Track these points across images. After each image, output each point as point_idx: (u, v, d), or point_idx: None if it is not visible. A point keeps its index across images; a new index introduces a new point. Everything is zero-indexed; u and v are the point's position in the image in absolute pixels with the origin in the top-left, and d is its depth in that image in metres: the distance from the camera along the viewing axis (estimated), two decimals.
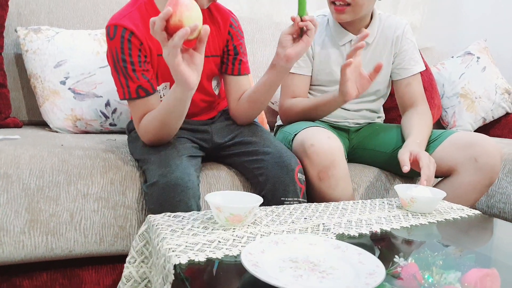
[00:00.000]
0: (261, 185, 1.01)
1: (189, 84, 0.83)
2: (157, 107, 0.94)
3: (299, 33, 0.98)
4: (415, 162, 1.05)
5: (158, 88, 1.04)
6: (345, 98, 1.10)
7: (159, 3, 1.00)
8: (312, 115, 1.22)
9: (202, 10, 1.00)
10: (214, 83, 1.13)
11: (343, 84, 1.08)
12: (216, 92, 1.15)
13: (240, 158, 1.07)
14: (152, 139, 0.98)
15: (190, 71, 0.82)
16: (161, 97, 1.03)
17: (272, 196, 0.98)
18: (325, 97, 1.18)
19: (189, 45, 0.80)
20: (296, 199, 0.98)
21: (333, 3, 1.19)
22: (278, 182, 0.98)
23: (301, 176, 1.01)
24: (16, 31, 1.39)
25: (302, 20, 0.95)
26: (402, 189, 0.94)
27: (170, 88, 0.99)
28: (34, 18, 1.46)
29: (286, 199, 0.97)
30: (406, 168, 1.02)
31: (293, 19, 0.96)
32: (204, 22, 1.01)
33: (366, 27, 1.27)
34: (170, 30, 0.77)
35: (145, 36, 0.96)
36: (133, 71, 0.95)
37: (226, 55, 1.10)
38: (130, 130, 1.14)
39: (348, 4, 1.17)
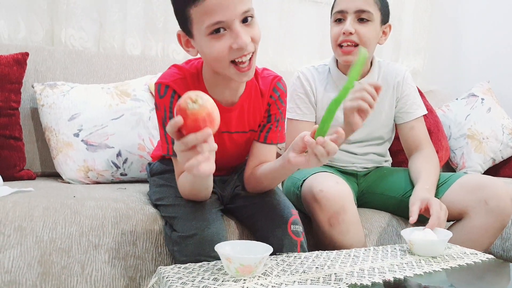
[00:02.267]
0: (259, 241, 0.99)
1: (201, 174, 0.74)
2: (185, 174, 0.93)
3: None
4: (426, 210, 1.05)
5: None
6: (353, 128, 1.05)
7: (205, 76, 0.98)
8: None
9: (248, 85, 1.00)
10: None
11: (348, 115, 1.04)
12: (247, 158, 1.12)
13: (240, 214, 1.08)
14: (188, 197, 0.98)
15: (202, 162, 0.73)
16: None
17: None
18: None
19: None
20: (292, 255, 0.93)
21: (340, 45, 1.23)
22: (271, 237, 0.96)
23: (295, 228, 0.98)
24: (33, 87, 1.45)
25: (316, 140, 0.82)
26: (407, 233, 0.94)
27: None
28: (50, 74, 1.53)
29: (281, 254, 0.92)
30: (412, 219, 1.02)
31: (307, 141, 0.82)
32: (250, 97, 1.01)
33: (366, 73, 1.31)
34: (187, 126, 0.71)
35: None
36: None
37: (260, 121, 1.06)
38: (153, 173, 1.15)
39: (356, 45, 1.21)
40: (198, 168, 0.71)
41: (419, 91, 1.65)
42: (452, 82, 2.56)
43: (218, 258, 0.83)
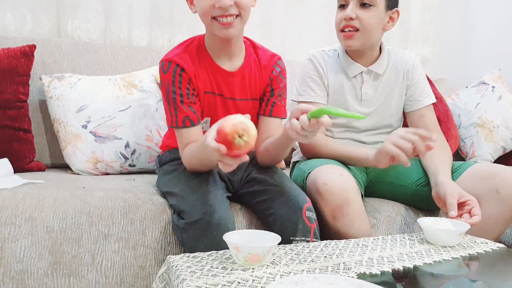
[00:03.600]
0: (271, 225, 1.00)
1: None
2: (195, 147, 0.99)
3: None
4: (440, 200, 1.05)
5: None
6: (378, 166, 1.08)
7: (208, 45, 1.08)
8: (341, 160, 1.21)
9: (247, 55, 1.10)
10: None
11: (381, 155, 1.05)
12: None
13: (251, 199, 1.08)
14: (193, 170, 1.04)
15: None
16: (202, 129, 1.10)
17: (281, 235, 0.96)
18: (358, 153, 1.17)
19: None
20: (304, 239, 0.97)
21: (342, 31, 1.23)
22: (286, 221, 0.98)
23: (310, 214, 0.99)
24: (40, 79, 1.46)
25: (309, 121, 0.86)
26: (426, 222, 0.93)
27: (210, 124, 1.08)
28: (57, 66, 1.54)
29: (295, 238, 0.96)
30: (454, 213, 1.00)
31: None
32: (249, 66, 1.11)
33: (376, 59, 1.29)
34: (228, 150, 0.76)
35: (194, 74, 1.05)
36: (181, 103, 1.03)
37: (263, 96, 1.14)
38: (162, 163, 1.19)
39: (357, 30, 1.20)
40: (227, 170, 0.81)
41: (428, 80, 1.64)
42: (461, 70, 2.52)
43: (225, 242, 0.84)
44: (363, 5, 1.19)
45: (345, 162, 1.20)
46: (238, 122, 0.74)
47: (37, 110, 1.50)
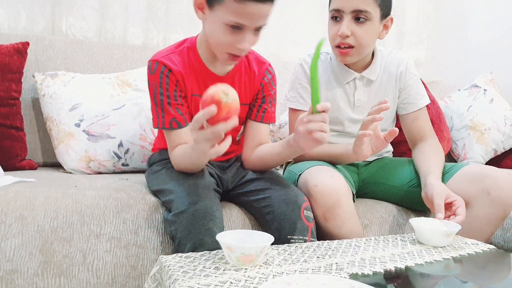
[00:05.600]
0: (268, 224, 1.01)
1: (211, 156, 0.88)
2: (187, 147, 0.98)
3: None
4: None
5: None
6: (358, 158, 1.11)
7: (200, 48, 1.07)
8: (327, 160, 1.22)
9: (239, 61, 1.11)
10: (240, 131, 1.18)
11: (358, 146, 1.08)
12: (238, 139, 1.19)
13: (248, 197, 1.08)
14: (183, 170, 1.04)
15: (215, 146, 0.86)
16: None
17: (279, 234, 0.97)
18: (339, 150, 1.19)
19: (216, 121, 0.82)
20: (302, 237, 0.97)
21: (337, 47, 1.21)
22: (284, 219, 0.98)
23: (308, 213, 1.00)
24: (33, 76, 1.45)
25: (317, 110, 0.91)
26: (417, 223, 0.94)
27: None
28: (51, 64, 1.53)
29: (292, 237, 0.96)
30: (441, 216, 0.99)
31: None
32: (239, 72, 1.12)
33: (369, 64, 1.29)
34: (218, 116, 0.79)
35: (182, 76, 1.05)
36: (169, 104, 1.03)
37: (254, 102, 1.14)
38: (151, 163, 1.19)
39: (352, 46, 1.19)
40: (221, 152, 0.84)
41: (422, 82, 1.64)
42: (455, 73, 2.54)
43: (213, 230, 0.87)
44: (358, 19, 1.16)
45: (331, 161, 1.21)
46: (217, 87, 0.78)
47: (30, 108, 1.48)
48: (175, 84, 1.04)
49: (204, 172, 1.04)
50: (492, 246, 0.92)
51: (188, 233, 0.89)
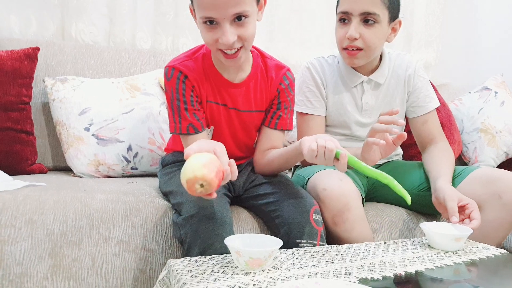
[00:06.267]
0: (277, 228, 1.00)
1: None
2: None
3: None
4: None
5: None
6: (367, 163, 1.06)
7: (214, 57, 1.06)
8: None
9: (254, 66, 1.09)
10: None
11: (367, 152, 1.04)
12: (254, 145, 1.18)
13: (256, 201, 1.08)
14: None
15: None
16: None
17: (288, 238, 0.97)
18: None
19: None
20: (311, 241, 0.96)
21: (345, 49, 1.20)
22: (293, 223, 0.97)
23: (317, 217, 1.00)
24: (44, 81, 1.46)
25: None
26: (428, 227, 0.93)
27: (212, 134, 1.09)
28: (61, 69, 1.54)
29: (301, 241, 0.96)
30: (456, 219, 0.98)
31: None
32: (255, 78, 1.10)
33: (376, 67, 1.28)
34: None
35: (197, 82, 1.05)
36: (186, 110, 1.03)
37: (269, 108, 1.13)
38: (164, 164, 1.19)
39: (361, 49, 1.18)
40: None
41: (432, 85, 1.63)
42: (465, 75, 2.52)
43: (222, 235, 0.86)
44: (366, 22, 1.15)
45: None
46: (197, 170, 0.76)
47: (40, 112, 1.50)
48: (191, 89, 1.04)
49: None
50: (504, 251, 0.90)
51: (197, 238, 0.89)
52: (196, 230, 0.89)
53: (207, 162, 0.77)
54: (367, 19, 1.15)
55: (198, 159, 0.78)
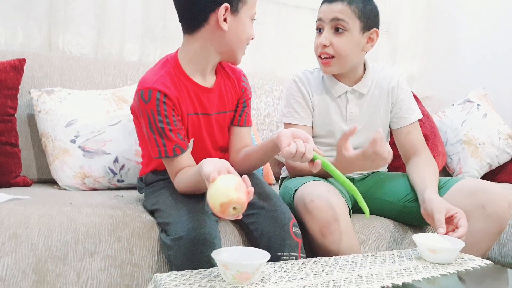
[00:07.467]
0: (257, 241, 1.00)
1: None
2: (191, 173, 0.97)
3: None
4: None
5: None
6: (346, 159, 1.09)
7: (185, 66, 1.06)
8: (322, 175, 1.20)
9: (217, 69, 1.13)
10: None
11: (343, 142, 1.07)
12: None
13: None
14: (188, 192, 1.03)
15: None
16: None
17: (268, 251, 0.95)
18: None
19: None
20: (293, 254, 0.96)
21: (320, 57, 1.25)
22: (273, 236, 0.97)
23: (296, 230, 1.00)
24: (29, 93, 1.45)
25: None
26: (420, 239, 0.93)
27: (192, 145, 1.08)
28: (47, 80, 1.53)
29: (283, 254, 0.96)
30: (443, 231, 0.99)
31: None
32: (221, 79, 1.14)
33: (360, 78, 1.30)
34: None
35: (177, 98, 1.03)
36: (170, 131, 1.00)
37: (236, 108, 1.17)
38: (148, 183, 1.17)
39: (332, 57, 1.22)
40: None
41: (415, 97, 1.66)
42: (448, 88, 2.57)
43: (211, 258, 0.83)
44: (337, 30, 1.20)
45: (326, 176, 1.20)
46: (232, 194, 0.76)
47: (25, 124, 1.48)
48: (172, 109, 1.01)
49: (205, 194, 1.03)
50: (489, 261, 0.92)
51: (186, 261, 0.88)
52: (185, 253, 0.88)
53: (238, 185, 0.78)
54: (337, 27, 1.20)
55: (228, 182, 0.78)
